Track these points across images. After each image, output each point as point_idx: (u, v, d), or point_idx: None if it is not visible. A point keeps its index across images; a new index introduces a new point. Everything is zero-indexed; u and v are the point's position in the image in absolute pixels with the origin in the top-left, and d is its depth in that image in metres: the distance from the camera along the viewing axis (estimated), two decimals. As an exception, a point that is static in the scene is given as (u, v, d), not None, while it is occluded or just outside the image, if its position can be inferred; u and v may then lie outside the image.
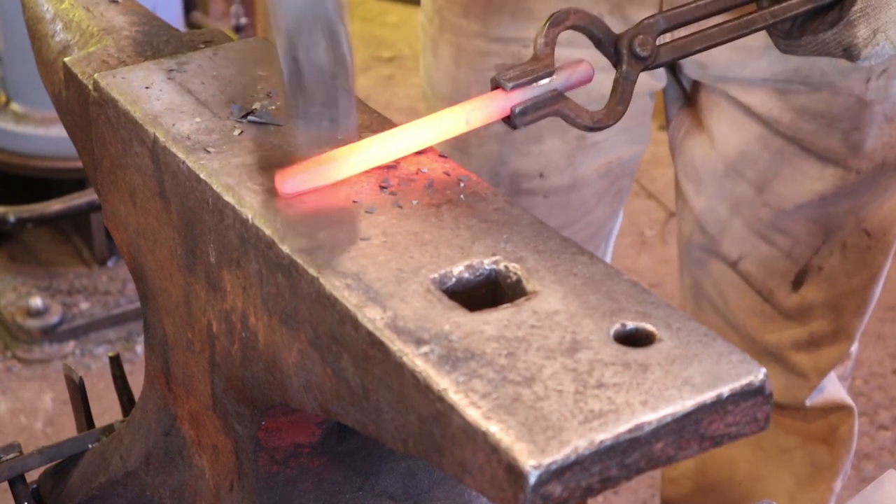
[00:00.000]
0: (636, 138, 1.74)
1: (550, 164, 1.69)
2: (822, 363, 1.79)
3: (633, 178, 1.82)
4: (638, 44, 1.20)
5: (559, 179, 1.71)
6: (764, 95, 1.60)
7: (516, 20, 1.62)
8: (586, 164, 1.71)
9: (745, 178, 1.67)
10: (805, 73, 1.57)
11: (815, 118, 1.59)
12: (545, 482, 0.77)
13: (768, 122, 1.62)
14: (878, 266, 1.73)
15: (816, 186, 1.64)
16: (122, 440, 1.35)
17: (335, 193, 1.03)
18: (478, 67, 1.67)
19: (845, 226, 1.67)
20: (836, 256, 1.69)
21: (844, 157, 1.61)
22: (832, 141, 1.60)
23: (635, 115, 1.70)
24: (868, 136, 1.60)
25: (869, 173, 1.63)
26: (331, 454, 1.15)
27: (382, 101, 4.37)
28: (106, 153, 1.22)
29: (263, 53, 1.26)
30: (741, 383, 0.84)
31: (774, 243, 1.69)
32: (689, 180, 1.75)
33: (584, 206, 1.76)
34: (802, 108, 1.59)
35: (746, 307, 1.76)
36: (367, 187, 1.04)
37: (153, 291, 1.22)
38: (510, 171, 1.70)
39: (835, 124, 1.59)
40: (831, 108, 1.58)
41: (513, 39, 1.62)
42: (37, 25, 1.37)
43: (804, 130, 1.61)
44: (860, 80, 1.57)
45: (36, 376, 3.03)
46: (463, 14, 1.66)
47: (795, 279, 1.72)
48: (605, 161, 1.73)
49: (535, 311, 0.89)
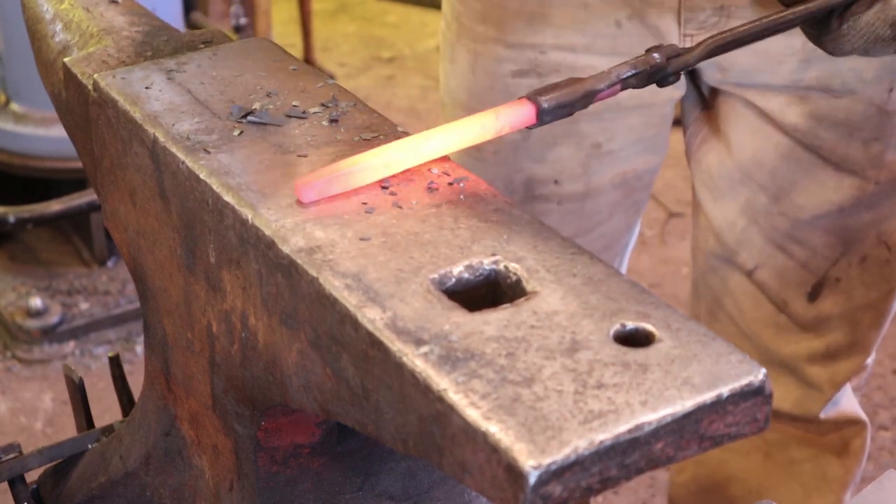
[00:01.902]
0: (653, 148, 1.72)
1: (565, 170, 1.68)
2: (838, 376, 1.77)
3: (649, 191, 1.80)
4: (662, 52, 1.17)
5: (573, 186, 1.70)
6: (783, 101, 1.58)
7: (532, 26, 1.61)
8: (601, 173, 1.70)
9: (762, 186, 1.65)
10: (826, 81, 1.55)
11: (835, 126, 1.57)
12: (545, 482, 0.77)
13: (786, 128, 1.60)
14: None
15: (834, 197, 1.62)
16: (121, 440, 1.35)
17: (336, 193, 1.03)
18: (494, 73, 1.66)
19: (865, 238, 1.65)
20: (855, 269, 1.67)
21: (863, 167, 1.59)
22: (851, 150, 1.58)
23: (653, 124, 1.69)
24: (889, 146, 1.58)
25: (889, 184, 1.61)
26: (331, 454, 1.15)
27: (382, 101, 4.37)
28: (106, 153, 1.22)
29: (263, 53, 1.26)
30: (741, 383, 0.84)
31: (791, 254, 1.67)
32: (705, 188, 1.73)
33: (597, 216, 1.75)
34: (822, 116, 1.57)
35: (761, 318, 1.73)
36: (368, 187, 1.04)
37: (153, 291, 1.22)
38: (525, 177, 1.69)
39: (855, 133, 1.57)
40: (851, 117, 1.56)
41: (529, 45, 1.61)
42: (36, 26, 1.37)
43: (823, 139, 1.58)
44: (882, 89, 1.55)
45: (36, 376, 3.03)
46: (480, 20, 1.66)
47: (812, 290, 1.69)
48: (621, 171, 1.71)
49: (534, 312, 0.89)
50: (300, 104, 1.16)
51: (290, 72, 1.22)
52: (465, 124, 1.06)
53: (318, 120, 1.14)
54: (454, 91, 1.74)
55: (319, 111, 1.15)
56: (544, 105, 1.08)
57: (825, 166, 1.60)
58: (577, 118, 1.60)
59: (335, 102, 1.17)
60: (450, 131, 1.06)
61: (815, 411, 1.79)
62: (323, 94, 1.18)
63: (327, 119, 1.14)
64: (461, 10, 1.68)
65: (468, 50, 1.68)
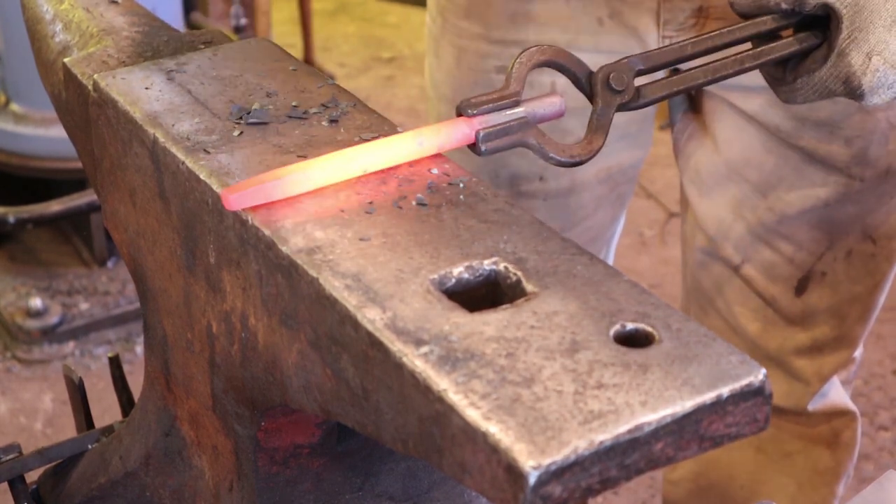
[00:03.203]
0: (637, 144, 1.74)
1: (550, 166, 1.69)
2: (825, 369, 1.78)
3: (633, 184, 1.82)
4: (613, 79, 1.19)
5: (558, 183, 1.71)
6: (764, 103, 1.59)
7: (516, 23, 1.62)
8: (585, 169, 1.70)
9: (749, 182, 1.66)
10: None
11: (817, 126, 1.58)
12: (545, 483, 0.77)
13: (770, 128, 1.61)
14: (883, 273, 1.71)
15: (820, 193, 1.63)
16: (121, 441, 1.35)
17: (336, 193, 1.03)
18: (478, 69, 1.67)
19: (851, 232, 1.66)
20: (841, 263, 1.68)
21: (847, 164, 1.60)
22: (835, 148, 1.59)
23: (636, 122, 1.70)
24: (872, 143, 1.59)
25: (874, 180, 1.62)
26: (331, 454, 1.15)
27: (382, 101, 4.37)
28: (106, 154, 1.22)
29: (263, 53, 1.26)
30: (741, 384, 0.84)
31: (778, 248, 1.68)
32: (692, 183, 1.74)
33: (582, 210, 1.76)
34: (804, 116, 1.58)
35: (749, 312, 1.75)
36: (368, 187, 1.04)
37: (153, 292, 1.22)
38: (510, 173, 1.70)
39: (837, 132, 1.58)
40: (832, 117, 1.57)
41: (513, 42, 1.62)
42: (36, 26, 1.37)
43: (806, 138, 1.59)
44: None
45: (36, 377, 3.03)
46: (464, 15, 1.67)
47: (799, 284, 1.70)
48: (605, 166, 1.72)
49: (534, 312, 0.89)
50: (300, 104, 1.16)
51: (290, 72, 1.22)
52: (398, 140, 1.06)
53: (318, 120, 1.14)
54: (439, 85, 1.75)
55: (319, 111, 1.15)
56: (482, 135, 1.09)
57: (811, 163, 1.61)
58: None
59: (335, 103, 1.17)
60: (384, 147, 1.06)
61: (802, 404, 1.81)
62: (323, 94, 1.18)
63: (327, 119, 1.14)
64: (446, 5, 1.69)
65: (453, 45, 1.69)
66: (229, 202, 1.01)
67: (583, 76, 1.20)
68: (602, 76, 1.19)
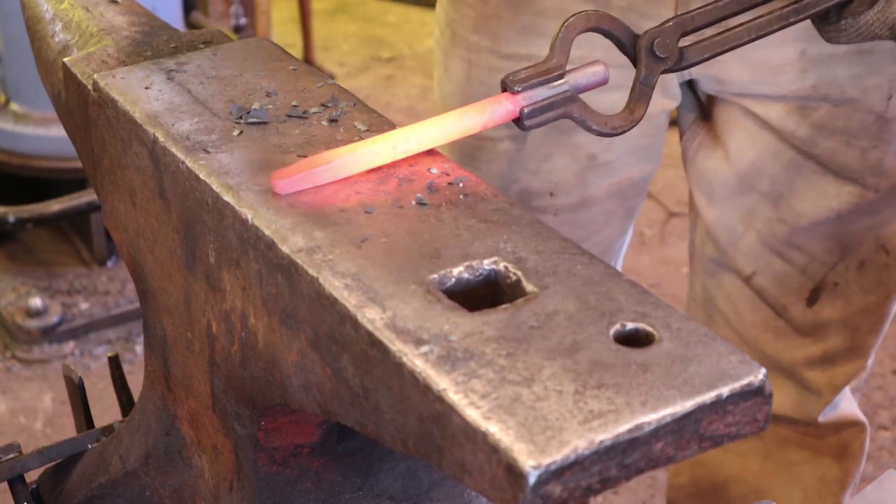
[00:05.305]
0: (648, 157, 1.72)
1: (561, 182, 1.68)
2: (836, 380, 1.76)
3: (643, 198, 1.80)
4: (657, 46, 1.18)
5: (569, 198, 1.70)
6: (782, 110, 1.58)
7: (526, 37, 1.60)
8: (597, 184, 1.70)
9: (760, 192, 1.64)
10: (825, 90, 1.55)
11: (834, 134, 1.57)
12: (545, 482, 0.77)
13: (786, 136, 1.59)
14: None
15: (833, 204, 1.61)
16: (121, 440, 1.35)
17: (335, 193, 1.03)
18: (488, 83, 1.65)
19: (864, 243, 1.65)
20: (853, 273, 1.66)
21: (863, 175, 1.59)
22: (850, 158, 1.58)
23: (648, 135, 1.68)
24: (888, 154, 1.57)
25: (888, 191, 1.60)
26: (331, 454, 1.15)
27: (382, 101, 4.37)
28: (105, 153, 1.22)
29: (263, 53, 1.26)
30: (741, 383, 0.84)
31: (789, 259, 1.66)
32: (701, 192, 1.72)
33: (592, 225, 1.75)
34: (821, 124, 1.57)
35: (760, 322, 1.73)
36: (368, 187, 1.04)
37: (153, 291, 1.22)
38: (520, 189, 1.69)
39: (853, 142, 1.57)
40: (850, 125, 1.56)
41: (524, 56, 1.60)
42: (36, 26, 1.37)
43: (821, 146, 1.58)
44: (881, 97, 1.54)
45: (36, 376, 3.03)
46: (474, 29, 1.65)
47: (810, 295, 1.69)
48: (616, 180, 1.71)
49: (534, 312, 0.89)
50: (300, 104, 1.16)
51: (289, 72, 1.22)
52: (449, 117, 1.06)
53: (318, 120, 1.14)
54: (448, 98, 1.73)
55: (319, 111, 1.15)
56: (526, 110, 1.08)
57: (825, 174, 1.60)
58: (572, 130, 1.59)
59: (335, 102, 1.17)
60: (429, 127, 1.06)
61: (813, 415, 1.79)
62: (323, 94, 1.18)
63: (327, 119, 1.14)
64: (455, 17, 1.68)
65: (462, 59, 1.68)
66: (279, 187, 1.01)
67: (628, 41, 1.18)
68: (646, 42, 1.17)
